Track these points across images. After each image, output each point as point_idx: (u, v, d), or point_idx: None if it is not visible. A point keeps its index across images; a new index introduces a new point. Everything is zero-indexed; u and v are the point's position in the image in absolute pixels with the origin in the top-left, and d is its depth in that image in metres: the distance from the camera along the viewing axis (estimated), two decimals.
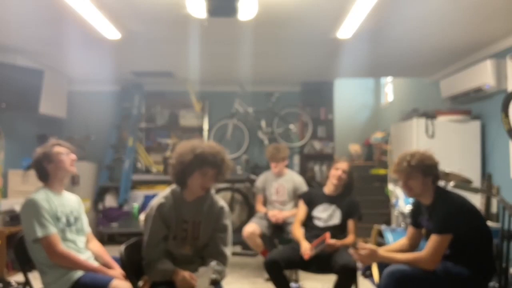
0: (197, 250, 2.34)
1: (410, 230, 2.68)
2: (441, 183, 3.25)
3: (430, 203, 2.47)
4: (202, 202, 2.35)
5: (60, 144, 2.45)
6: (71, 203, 2.47)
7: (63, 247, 2.24)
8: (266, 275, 3.09)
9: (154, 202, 2.33)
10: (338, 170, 3.27)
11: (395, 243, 2.73)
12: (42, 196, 2.29)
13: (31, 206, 2.23)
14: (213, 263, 2.16)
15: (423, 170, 2.42)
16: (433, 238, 2.33)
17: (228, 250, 2.36)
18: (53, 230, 2.23)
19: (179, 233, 2.30)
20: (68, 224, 2.37)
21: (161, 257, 2.24)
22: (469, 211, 2.40)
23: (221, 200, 2.45)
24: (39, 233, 2.18)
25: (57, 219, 2.29)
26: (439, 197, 2.45)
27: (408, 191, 2.48)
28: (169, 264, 2.23)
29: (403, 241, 2.69)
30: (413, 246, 2.65)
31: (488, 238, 2.44)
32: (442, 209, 2.37)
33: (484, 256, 2.40)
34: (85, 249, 2.45)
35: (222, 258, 2.30)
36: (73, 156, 2.47)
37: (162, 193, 2.37)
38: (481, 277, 2.37)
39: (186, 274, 2.16)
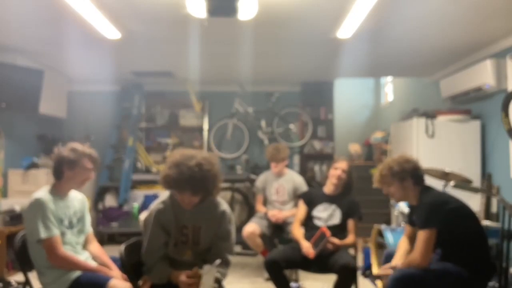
0: (198, 254, 2.31)
1: (407, 228, 2.73)
2: (441, 183, 3.27)
3: (416, 203, 2.54)
4: (202, 206, 2.29)
5: (91, 158, 2.41)
6: (75, 203, 2.45)
7: (63, 249, 2.24)
8: (266, 275, 3.09)
9: (153, 208, 2.29)
10: (337, 170, 3.27)
11: (399, 249, 2.71)
12: (49, 197, 2.27)
13: (38, 206, 2.21)
14: (217, 261, 2.15)
15: (395, 175, 2.49)
16: (419, 235, 2.37)
17: (231, 256, 2.35)
18: (56, 232, 2.22)
19: (179, 238, 2.27)
20: (70, 226, 2.37)
21: (159, 260, 2.23)
22: (456, 209, 2.42)
23: (223, 203, 2.38)
24: (43, 234, 2.17)
25: (60, 221, 2.29)
26: (422, 196, 2.51)
27: (392, 197, 2.61)
28: (166, 267, 2.23)
29: (404, 242, 2.70)
30: (412, 243, 2.68)
31: (483, 237, 2.45)
32: (423, 205, 2.43)
33: (482, 255, 2.41)
34: (83, 249, 2.45)
35: (225, 264, 2.29)
36: (92, 176, 2.44)
37: (160, 198, 2.34)
38: (481, 277, 2.37)
39: (183, 276, 2.14)
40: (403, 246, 2.68)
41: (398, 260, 2.59)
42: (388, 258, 2.73)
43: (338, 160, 3.37)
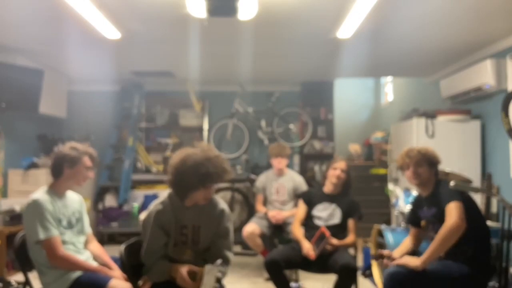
0: (198, 254, 2.32)
1: (412, 230, 2.74)
2: None
3: (430, 192, 2.59)
4: (202, 205, 2.30)
5: (91, 157, 2.42)
6: (73, 203, 2.45)
7: (63, 250, 2.24)
8: (266, 275, 3.09)
9: (152, 209, 2.28)
10: (336, 170, 3.28)
11: (402, 245, 2.71)
12: (46, 198, 2.27)
13: (35, 207, 2.21)
14: (219, 261, 2.15)
15: (429, 160, 2.59)
16: (449, 206, 2.37)
17: (231, 254, 2.35)
18: (55, 232, 2.22)
19: (179, 239, 2.27)
20: (70, 226, 2.36)
21: (159, 260, 2.23)
22: (470, 200, 2.48)
23: (221, 202, 2.40)
24: (42, 235, 2.17)
25: (58, 221, 2.29)
26: (438, 185, 2.58)
27: (416, 177, 2.59)
28: (167, 263, 2.22)
29: (407, 241, 2.71)
30: (417, 245, 2.70)
31: (487, 236, 2.46)
32: (446, 186, 2.46)
33: (484, 253, 2.41)
34: (84, 249, 2.45)
35: (225, 262, 2.29)
36: (92, 175, 2.44)
37: (159, 199, 2.33)
38: (481, 275, 2.37)
39: (183, 271, 2.13)
40: (406, 244, 2.69)
41: (397, 254, 2.59)
42: None
43: (336, 160, 3.38)
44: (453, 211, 2.34)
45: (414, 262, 2.37)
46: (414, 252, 2.67)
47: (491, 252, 2.51)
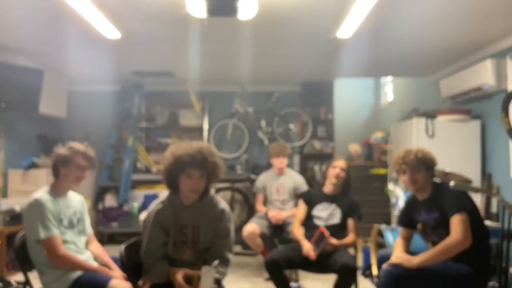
0: (198, 254, 2.31)
1: (404, 231, 2.71)
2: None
3: (428, 196, 2.55)
4: (201, 205, 2.30)
5: (85, 156, 2.41)
6: (74, 204, 2.46)
7: (64, 249, 2.24)
8: (266, 275, 3.09)
9: (152, 208, 2.29)
10: (335, 169, 3.28)
11: (397, 247, 2.69)
12: (48, 197, 2.28)
13: (37, 207, 2.21)
14: (216, 262, 2.15)
15: (426, 164, 2.54)
16: (455, 219, 2.35)
17: (231, 255, 2.35)
18: (56, 232, 2.22)
19: (178, 238, 2.27)
20: (71, 226, 2.37)
21: (158, 260, 2.23)
22: (471, 200, 2.46)
23: (222, 202, 2.39)
24: (42, 234, 2.17)
25: (59, 221, 2.29)
26: (437, 188, 2.54)
27: (413, 183, 2.55)
28: (166, 266, 2.22)
29: (400, 242, 2.69)
30: (408, 247, 2.68)
31: (487, 236, 2.47)
32: (449, 193, 2.43)
33: (483, 253, 2.41)
34: (85, 249, 2.45)
35: (224, 263, 2.29)
36: (87, 174, 2.44)
37: (159, 198, 2.34)
38: (481, 275, 2.37)
39: (179, 277, 2.12)
40: (400, 245, 2.67)
41: (395, 259, 2.57)
42: (382, 259, 2.72)
43: (336, 159, 3.38)
44: (458, 226, 2.32)
45: (409, 262, 2.37)
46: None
47: (490, 252, 2.51)
